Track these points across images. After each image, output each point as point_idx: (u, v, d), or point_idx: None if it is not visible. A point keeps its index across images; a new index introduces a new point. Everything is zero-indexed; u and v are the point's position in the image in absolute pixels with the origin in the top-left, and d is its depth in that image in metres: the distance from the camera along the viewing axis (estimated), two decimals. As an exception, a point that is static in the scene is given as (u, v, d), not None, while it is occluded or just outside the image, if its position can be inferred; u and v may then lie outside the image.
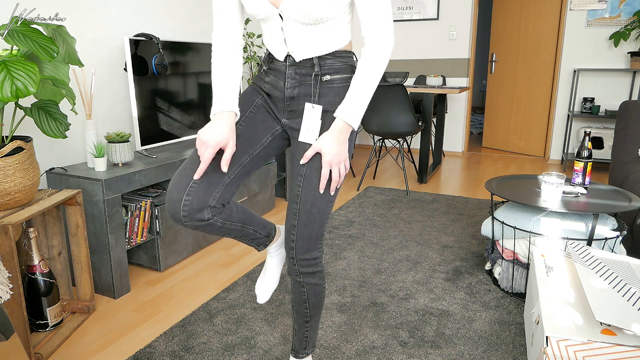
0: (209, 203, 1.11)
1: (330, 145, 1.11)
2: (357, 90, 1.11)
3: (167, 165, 2.21)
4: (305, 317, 1.36)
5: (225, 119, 1.12)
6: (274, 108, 1.23)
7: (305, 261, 1.24)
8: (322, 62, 1.14)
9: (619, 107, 3.11)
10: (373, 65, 1.10)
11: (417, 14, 5.07)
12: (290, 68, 1.16)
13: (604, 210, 1.84)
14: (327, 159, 1.11)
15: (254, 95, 1.24)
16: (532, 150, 5.13)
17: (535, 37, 4.87)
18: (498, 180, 2.30)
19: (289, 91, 1.18)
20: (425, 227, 2.89)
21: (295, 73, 1.16)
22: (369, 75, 1.10)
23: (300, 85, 1.16)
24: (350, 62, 1.18)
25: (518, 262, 2.02)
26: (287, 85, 1.17)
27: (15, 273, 1.48)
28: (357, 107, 1.11)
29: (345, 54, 1.17)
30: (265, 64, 1.22)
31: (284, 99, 1.20)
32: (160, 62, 2.34)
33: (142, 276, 2.26)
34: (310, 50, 1.13)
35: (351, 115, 1.11)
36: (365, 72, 1.11)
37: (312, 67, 1.15)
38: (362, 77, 1.11)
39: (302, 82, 1.16)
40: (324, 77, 1.15)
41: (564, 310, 1.43)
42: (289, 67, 1.16)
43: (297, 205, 1.18)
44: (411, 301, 2.01)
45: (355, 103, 1.11)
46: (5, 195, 1.57)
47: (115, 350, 1.68)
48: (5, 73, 1.38)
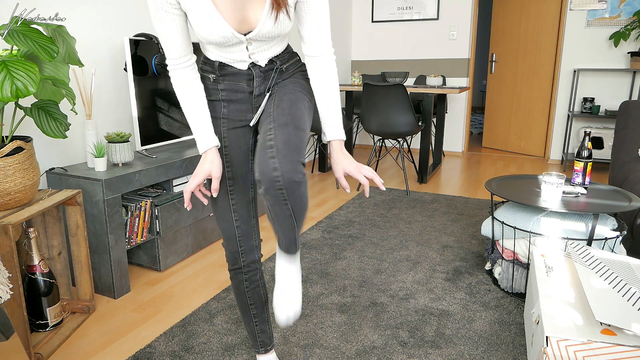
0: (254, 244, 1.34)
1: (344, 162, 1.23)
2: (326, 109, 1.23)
3: (167, 165, 2.21)
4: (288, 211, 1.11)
5: (208, 154, 1.21)
6: (237, 115, 1.25)
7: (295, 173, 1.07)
8: (281, 57, 1.26)
9: (619, 107, 3.11)
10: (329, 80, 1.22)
11: (417, 14, 5.07)
12: (255, 68, 1.22)
13: (604, 210, 1.84)
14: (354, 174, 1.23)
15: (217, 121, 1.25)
16: (532, 150, 5.13)
17: (535, 37, 4.87)
18: (498, 180, 2.30)
19: (257, 89, 1.24)
20: (425, 227, 2.89)
21: (260, 72, 1.23)
22: (330, 91, 1.23)
23: (264, 80, 1.24)
24: (290, 49, 1.31)
25: (518, 262, 2.02)
26: (255, 84, 1.24)
27: (15, 273, 1.48)
28: (335, 123, 1.23)
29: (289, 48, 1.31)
30: (216, 73, 1.21)
31: (250, 98, 1.25)
32: (160, 62, 2.34)
33: (142, 276, 2.26)
34: (270, 54, 1.23)
35: (334, 132, 1.23)
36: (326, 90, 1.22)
37: (274, 63, 1.24)
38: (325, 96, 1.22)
39: (267, 77, 1.24)
40: (283, 66, 1.26)
41: (564, 310, 1.43)
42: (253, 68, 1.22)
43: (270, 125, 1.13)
44: (411, 301, 2.01)
45: (332, 121, 1.23)
46: (5, 195, 1.57)
47: (115, 350, 1.68)
48: (5, 73, 1.38)
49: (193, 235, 2.47)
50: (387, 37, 5.30)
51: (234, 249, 1.32)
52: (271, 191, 1.04)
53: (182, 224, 2.36)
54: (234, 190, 1.29)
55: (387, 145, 5.54)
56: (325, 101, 1.23)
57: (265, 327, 1.45)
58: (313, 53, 1.21)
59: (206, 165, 1.20)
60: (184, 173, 2.33)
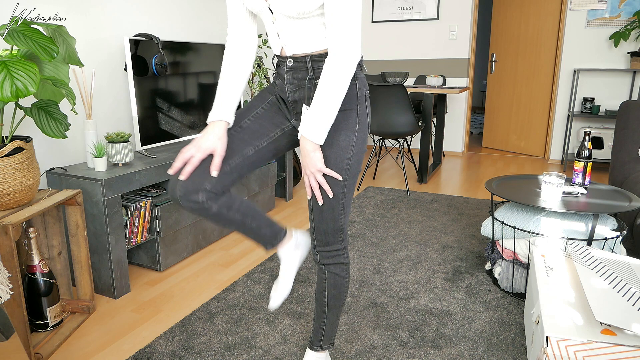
0: (203, 186, 1.13)
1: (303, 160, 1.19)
2: (315, 107, 1.12)
3: (167, 165, 2.21)
4: (323, 307, 1.40)
5: (216, 127, 1.18)
6: (284, 109, 1.29)
7: (326, 253, 1.31)
8: (314, 65, 1.17)
9: (619, 107, 3.11)
10: (332, 79, 1.09)
11: (417, 14, 5.07)
12: (289, 73, 1.21)
13: (604, 210, 1.84)
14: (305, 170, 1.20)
15: (269, 93, 1.30)
16: (532, 150, 5.13)
17: (535, 37, 4.87)
18: (498, 180, 2.30)
19: (291, 95, 1.23)
20: (425, 227, 2.89)
21: (293, 78, 1.21)
22: (327, 91, 1.10)
23: (299, 89, 1.21)
24: None
25: (518, 262, 2.02)
26: (288, 90, 1.23)
27: (15, 273, 1.48)
28: (316, 124, 1.12)
29: None
30: (275, 69, 1.29)
31: (289, 102, 1.26)
32: (160, 62, 2.34)
33: (142, 276, 2.26)
34: (301, 45, 1.16)
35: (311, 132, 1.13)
36: (323, 88, 1.10)
37: (306, 71, 1.18)
38: (320, 93, 1.11)
39: (300, 87, 1.21)
40: (318, 80, 1.17)
41: (564, 310, 1.43)
42: (287, 72, 1.21)
43: (310, 203, 1.26)
44: (411, 301, 2.01)
45: (313, 120, 1.12)
46: (5, 195, 1.57)
47: (115, 350, 1.68)
48: (5, 73, 1.38)
49: (193, 235, 2.47)
50: (387, 37, 5.30)
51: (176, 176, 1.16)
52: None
53: (182, 224, 2.36)
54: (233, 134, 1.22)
55: (387, 145, 5.54)
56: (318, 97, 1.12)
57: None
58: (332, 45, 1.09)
59: (212, 140, 1.16)
60: (184, 173, 2.33)
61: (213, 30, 3.14)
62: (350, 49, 1.09)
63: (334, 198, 1.23)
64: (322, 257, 1.32)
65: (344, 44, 1.08)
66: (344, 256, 1.34)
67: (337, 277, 1.35)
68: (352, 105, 1.20)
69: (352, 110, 1.20)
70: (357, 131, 1.21)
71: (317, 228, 1.28)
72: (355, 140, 1.21)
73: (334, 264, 1.33)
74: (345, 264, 1.35)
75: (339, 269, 1.34)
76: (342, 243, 1.31)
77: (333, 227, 1.27)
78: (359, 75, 1.22)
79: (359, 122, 1.21)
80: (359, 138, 1.21)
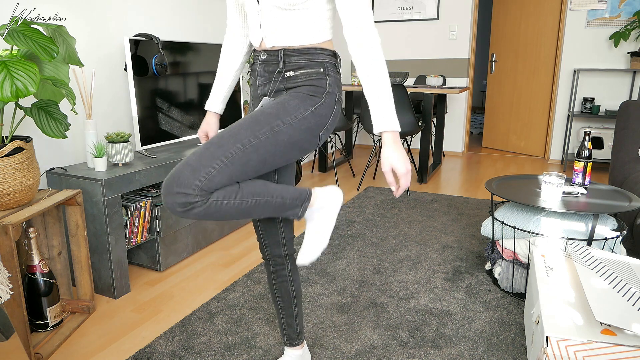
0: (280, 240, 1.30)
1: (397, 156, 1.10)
2: (375, 99, 1.09)
3: (167, 165, 2.21)
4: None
5: (207, 118, 1.44)
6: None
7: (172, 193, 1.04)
8: (286, 60, 1.15)
9: (619, 107, 3.11)
10: (373, 69, 1.08)
11: (417, 14, 5.07)
12: (261, 66, 1.20)
13: (604, 210, 1.84)
14: (402, 168, 1.10)
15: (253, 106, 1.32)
16: (532, 150, 5.13)
17: (535, 37, 4.87)
18: (498, 180, 2.30)
19: (260, 89, 1.22)
20: (425, 227, 2.89)
21: (264, 70, 1.20)
22: (375, 80, 1.08)
23: (269, 82, 1.20)
24: (319, 58, 1.15)
25: (518, 262, 2.02)
26: (258, 83, 1.22)
27: (15, 273, 1.48)
28: (383, 112, 1.09)
29: (314, 51, 1.15)
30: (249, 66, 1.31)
31: (258, 97, 1.26)
32: (160, 62, 2.34)
33: (142, 276, 2.26)
34: (282, 37, 1.15)
35: (384, 122, 1.09)
36: (370, 79, 1.08)
37: (277, 64, 1.17)
38: (371, 85, 1.09)
39: (270, 80, 1.20)
40: (287, 73, 1.16)
41: (564, 310, 1.43)
42: (260, 64, 1.21)
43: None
44: (411, 301, 2.00)
45: (379, 110, 1.09)
46: (5, 195, 1.57)
47: (115, 350, 1.68)
48: (5, 73, 1.38)
49: (193, 235, 2.47)
50: (387, 37, 5.30)
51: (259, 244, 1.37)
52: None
53: (182, 224, 2.36)
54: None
55: (387, 145, 5.53)
56: (366, 88, 1.10)
57: (292, 322, 1.46)
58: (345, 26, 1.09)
59: (204, 125, 1.43)
60: (184, 173, 2.33)
61: (213, 30, 3.14)
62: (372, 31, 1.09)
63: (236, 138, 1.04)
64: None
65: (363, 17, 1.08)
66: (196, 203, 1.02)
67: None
68: (317, 94, 1.15)
69: (315, 97, 1.14)
70: (309, 111, 1.12)
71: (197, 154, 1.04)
72: (301, 118, 1.11)
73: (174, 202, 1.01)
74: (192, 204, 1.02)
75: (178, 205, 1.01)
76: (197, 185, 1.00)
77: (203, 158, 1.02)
78: (332, 74, 1.17)
79: (316, 107, 1.13)
80: (307, 117, 1.11)
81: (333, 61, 1.19)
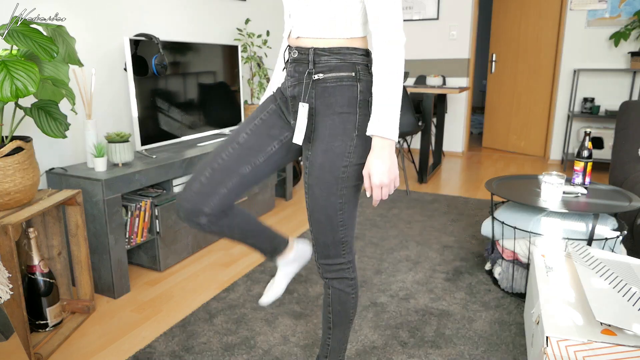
0: (203, 210, 1.18)
1: (376, 166, 1.06)
2: (378, 99, 1.05)
3: (167, 165, 2.21)
4: (328, 323, 1.34)
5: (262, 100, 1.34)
6: (285, 111, 1.22)
7: (327, 266, 1.25)
8: (316, 59, 1.11)
9: (619, 107, 3.11)
10: (385, 66, 1.04)
11: (417, 14, 5.07)
12: (291, 65, 1.16)
13: (604, 210, 1.84)
14: (375, 180, 1.07)
15: (271, 102, 1.25)
16: (532, 150, 5.13)
17: (535, 37, 4.87)
18: (498, 180, 2.30)
19: (290, 90, 1.17)
20: (425, 227, 2.89)
21: (294, 70, 1.15)
22: (384, 79, 1.05)
23: (298, 84, 1.15)
24: (351, 59, 1.10)
25: (518, 262, 2.02)
26: (288, 84, 1.18)
27: (15, 273, 1.48)
28: (384, 117, 1.04)
29: (346, 50, 1.10)
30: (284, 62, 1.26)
31: (288, 98, 1.20)
32: (160, 62, 2.34)
33: (142, 276, 2.26)
34: (308, 27, 1.10)
35: (378, 125, 1.04)
36: (380, 77, 1.05)
37: (307, 64, 1.12)
38: (378, 83, 1.06)
39: (300, 81, 1.15)
40: (316, 75, 1.11)
41: (564, 310, 1.43)
42: (290, 63, 1.16)
43: (308, 214, 1.21)
44: (411, 301, 2.00)
45: (380, 113, 1.05)
46: (5, 195, 1.56)
47: (115, 350, 1.68)
48: (5, 73, 1.38)
49: (193, 235, 2.47)
50: (387, 37, 5.29)
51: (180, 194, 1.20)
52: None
53: (182, 224, 2.36)
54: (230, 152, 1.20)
55: (387, 145, 5.53)
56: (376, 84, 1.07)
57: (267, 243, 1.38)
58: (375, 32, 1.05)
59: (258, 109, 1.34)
60: (184, 173, 2.33)
61: (213, 30, 3.14)
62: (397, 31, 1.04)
63: (331, 207, 1.15)
64: (324, 270, 1.25)
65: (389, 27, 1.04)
66: (348, 271, 1.26)
67: (342, 292, 1.27)
68: (351, 109, 1.11)
69: (350, 114, 1.11)
70: (355, 138, 1.11)
71: (317, 239, 1.22)
72: (354, 148, 1.12)
73: (337, 278, 1.26)
74: (351, 279, 1.27)
75: (343, 284, 1.26)
76: (345, 257, 1.23)
77: (333, 240, 1.20)
78: (363, 77, 1.12)
79: (358, 129, 1.11)
80: (357, 145, 1.12)
81: (366, 61, 1.13)
